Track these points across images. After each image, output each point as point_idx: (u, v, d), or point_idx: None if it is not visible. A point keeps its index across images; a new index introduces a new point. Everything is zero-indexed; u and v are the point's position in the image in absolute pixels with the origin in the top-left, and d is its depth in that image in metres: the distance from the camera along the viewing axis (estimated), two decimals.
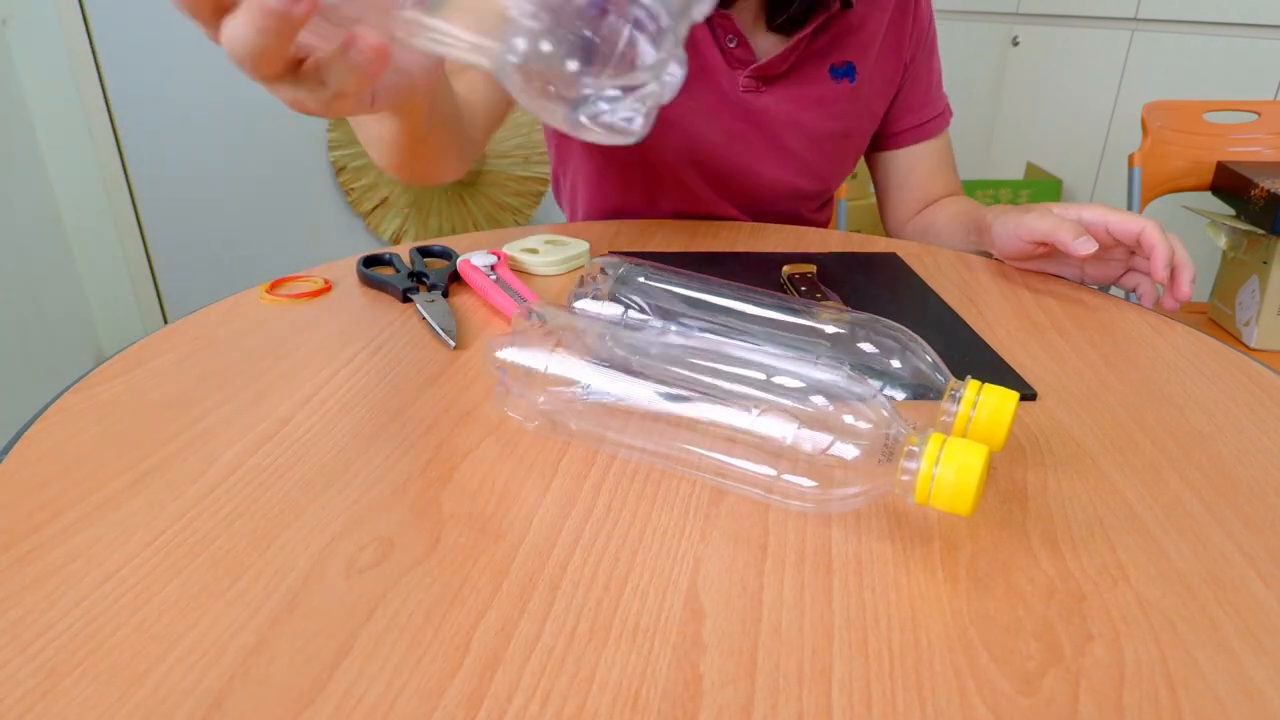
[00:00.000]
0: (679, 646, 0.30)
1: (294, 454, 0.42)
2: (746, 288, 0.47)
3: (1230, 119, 1.27)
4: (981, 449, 0.32)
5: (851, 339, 0.42)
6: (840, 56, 0.81)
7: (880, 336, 0.42)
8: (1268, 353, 1.13)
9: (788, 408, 0.33)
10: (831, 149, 0.86)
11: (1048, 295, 0.65)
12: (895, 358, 0.41)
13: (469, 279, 0.64)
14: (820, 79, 0.82)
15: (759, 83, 0.81)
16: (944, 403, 0.39)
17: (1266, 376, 0.52)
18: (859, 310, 0.45)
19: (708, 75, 0.81)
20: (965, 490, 0.32)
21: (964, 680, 0.29)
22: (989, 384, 0.38)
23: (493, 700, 0.28)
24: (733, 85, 0.81)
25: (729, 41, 0.79)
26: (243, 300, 0.61)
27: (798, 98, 0.82)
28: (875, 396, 0.34)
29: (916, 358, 0.41)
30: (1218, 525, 0.37)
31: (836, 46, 0.81)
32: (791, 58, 0.80)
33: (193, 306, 0.61)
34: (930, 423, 0.39)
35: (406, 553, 0.35)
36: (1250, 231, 1.12)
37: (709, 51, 0.80)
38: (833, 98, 0.83)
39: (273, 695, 0.28)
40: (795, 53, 0.79)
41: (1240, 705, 0.28)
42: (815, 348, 0.43)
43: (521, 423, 0.42)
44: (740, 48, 0.80)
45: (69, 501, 0.38)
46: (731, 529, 0.36)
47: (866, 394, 0.34)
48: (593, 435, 0.39)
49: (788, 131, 0.83)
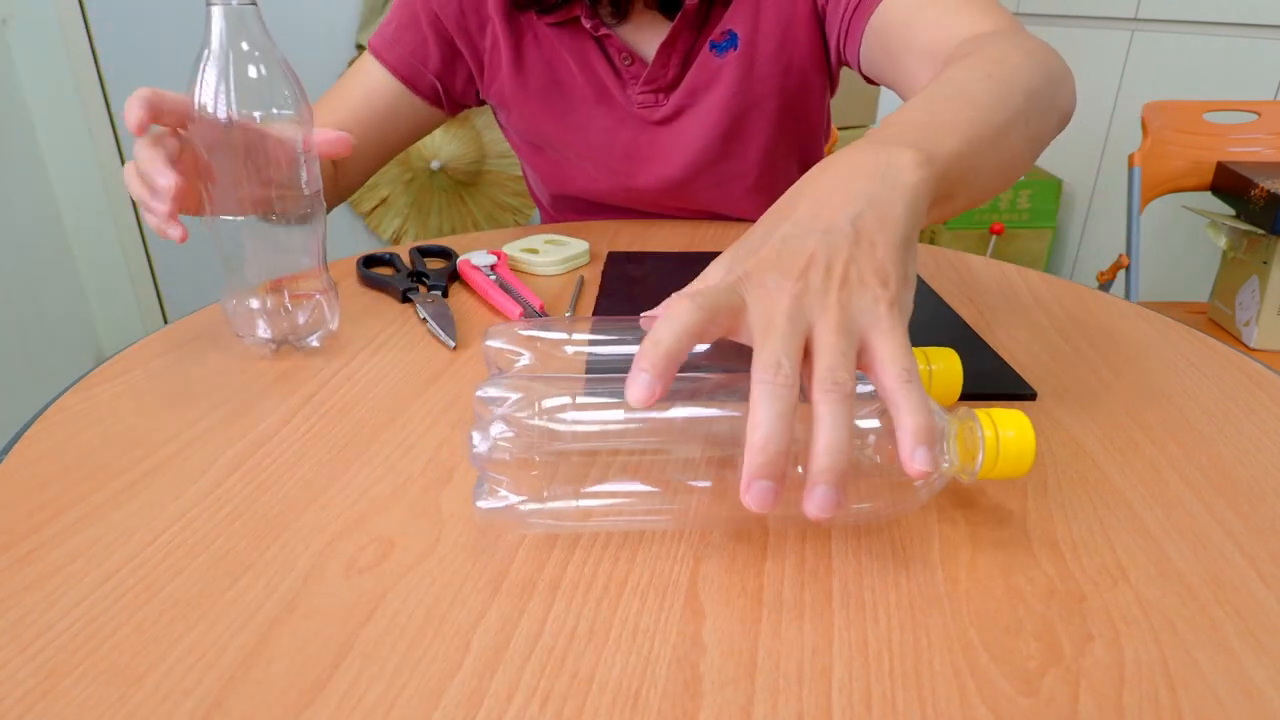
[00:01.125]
0: (679, 646, 0.30)
1: (294, 454, 0.42)
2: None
3: (1230, 119, 1.27)
4: (1018, 413, 0.34)
5: None
6: (719, 29, 0.76)
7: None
8: (1268, 353, 1.13)
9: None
10: (758, 119, 0.80)
11: (1048, 295, 0.65)
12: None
13: (469, 279, 0.64)
14: (706, 62, 0.77)
15: (657, 94, 0.78)
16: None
17: (1266, 376, 0.52)
18: None
19: (606, 97, 0.79)
20: (1027, 448, 0.33)
21: (964, 680, 0.29)
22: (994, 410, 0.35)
23: (493, 700, 0.28)
24: (629, 104, 0.79)
25: (624, 60, 0.77)
26: None
27: (692, 90, 0.78)
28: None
29: None
30: (1218, 525, 0.37)
31: (714, 24, 0.77)
32: (674, 59, 0.76)
33: (193, 306, 0.61)
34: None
35: (406, 553, 0.35)
36: (1250, 231, 1.12)
37: (604, 74, 0.78)
38: (722, 72, 0.77)
39: (273, 695, 0.28)
40: (676, 51, 0.76)
41: (1240, 705, 0.28)
42: None
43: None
44: (635, 65, 0.77)
45: (69, 501, 0.38)
46: (731, 529, 0.36)
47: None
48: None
49: (691, 126, 0.80)
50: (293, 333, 0.52)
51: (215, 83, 0.45)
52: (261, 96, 0.46)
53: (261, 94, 0.46)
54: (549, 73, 0.79)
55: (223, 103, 0.45)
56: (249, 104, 0.46)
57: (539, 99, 0.79)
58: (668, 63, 0.76)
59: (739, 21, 0.76)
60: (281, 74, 0.47)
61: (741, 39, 0.76)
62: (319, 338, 0.53)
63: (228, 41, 0.45)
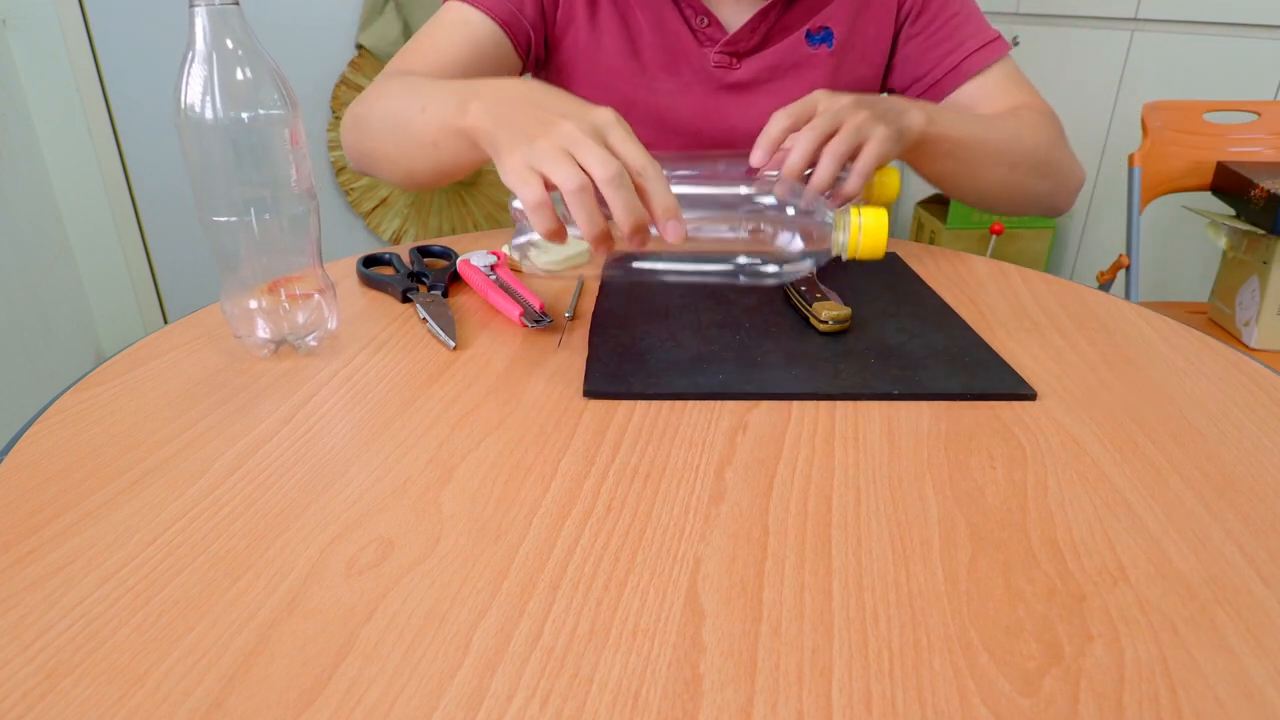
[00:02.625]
0: (679, 646, 0.30)
1: (294, 454, 0.42)
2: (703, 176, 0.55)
3: (1230, 119, 1.27)
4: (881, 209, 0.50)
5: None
6: (818, 23, 0.80)
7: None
8: (1268, 353, 1.13)
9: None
10: None
11: (1048, 295, 0.65)
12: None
13: (469, 279, 0.64)
14: (797, 46, 0.80)
15: (731, 58, 0.80)
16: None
17: (1266, 376, 0.52)
18: (857, 309, 0.47)
19: (679, 56, 0.80)
20: (880, 231, 0.49)
21: (964, 680, 0.29)
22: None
23: (493, 700, 0.28)
24: (704, 63, 0.80)
25: (700, 22, 0.79)
26: None
27: (775, 66, 0.81)
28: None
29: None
30: (1218, 525, 0.37)
31: (813, 13, 0.80)
32: (762, 28, 0.79)
33: (193, 307, 0.61)
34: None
35: (406, 553, 0.35)
36: (1250, 231, 1.12)
37: (679, 32, 0.80)
38: (811, 63, 0.81)
39: (273, 695, 0.28)
40: (766, 23, 0.79)
41: (1240, 705, 0.28)
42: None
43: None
44: (711, 26, 0.79)
45: (69, 501, 0.38)
46: (731, 529, 0.36)
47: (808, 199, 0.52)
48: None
49: (767, 100, 0.81)
50: (292, 333, 0.52)
51: (201, 83, 0.45)
52: (247, 95, 0.46)
53: (247, 93, 0.46)
54: (622, 28, 0.80)
55: (209, 103, 0.45)
56: (236, 104, 0.46)
57: (611, 54, 0.80)
58: (756, 29, 0.79)
59: (838, 23, 0.80)
60: (268, 73, 0.47)
61: (837, 40, 0.80)
62: (318, 338, 0.53)
63: (212, 42, 0.45)
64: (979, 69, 0.80)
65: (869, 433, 0.44)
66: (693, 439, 0.43)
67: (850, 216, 0.50)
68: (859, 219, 0.49)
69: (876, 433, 0.44)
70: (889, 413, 0.46)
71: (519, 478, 0.40)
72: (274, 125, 0.48)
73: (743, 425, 0.45)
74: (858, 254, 0.50)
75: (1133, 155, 1.26)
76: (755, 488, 0.39)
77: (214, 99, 0.45)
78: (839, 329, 0.55)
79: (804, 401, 0.47)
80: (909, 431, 0.44)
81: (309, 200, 0.51)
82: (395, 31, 1.83)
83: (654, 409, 0.46)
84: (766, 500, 0.38)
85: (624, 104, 0.84)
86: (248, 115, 0.46)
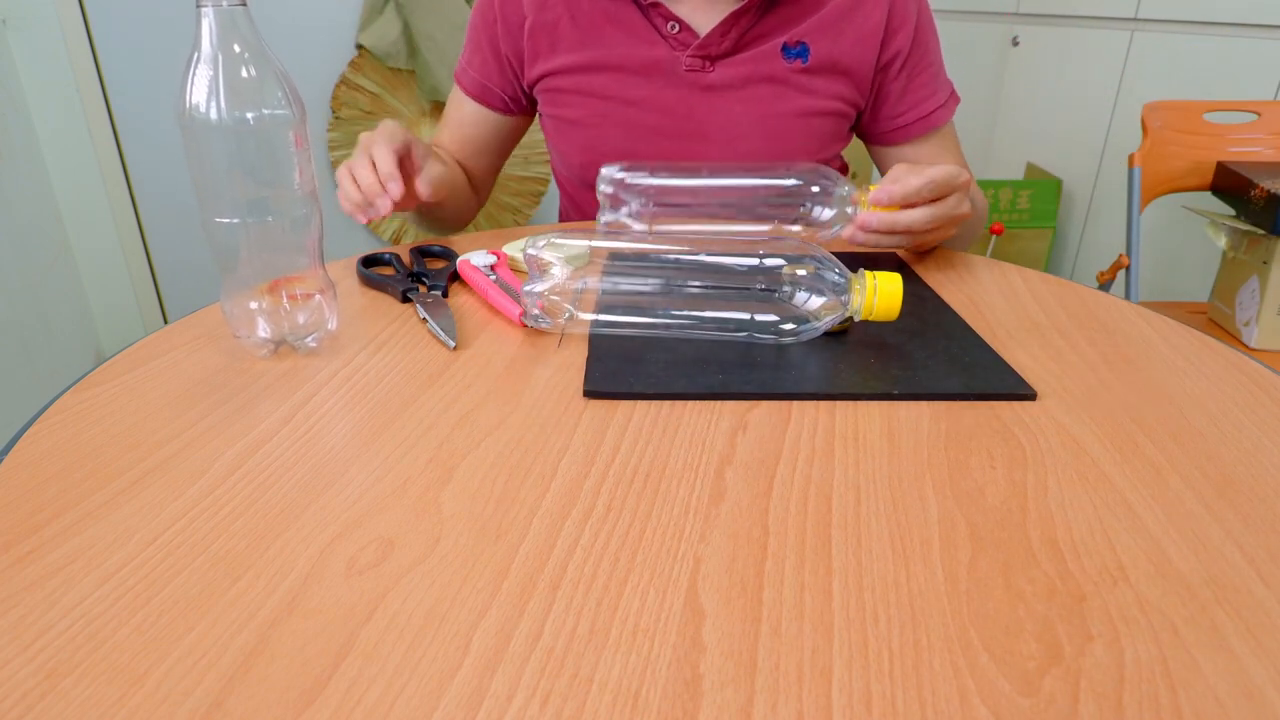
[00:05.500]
0: (679, 646, 0.30)
1: (294, 454, 0.42)
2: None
3: (1230, 119, 1.27)
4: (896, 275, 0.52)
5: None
6: (795, 37, 0.80)
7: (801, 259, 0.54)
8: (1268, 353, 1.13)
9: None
10: (797, 128, 0.84)
11: (1048, 295, 0.65)
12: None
13: (469, 279, 0.64)
14: (771, 56, 0.81)
15: (704, 61, 0.81)
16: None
17: (1266, 376, 0.52)
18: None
19: (651, 63, 0.81)
20: (895, 297, 0.51)
21: (964, 680, 0.29)
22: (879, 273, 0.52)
23: (493, 700, 0.28)
24: (676, 67, 0.81)
25: (670, 28, 0.80)
26: None
27: (749, 75, 0.81)
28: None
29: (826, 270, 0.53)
30: (1218, 525, 0.37)
31: (790, 25, 0.80)
32: (733, 33, 0.79)
33: (193, 307, 0.61)
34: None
35: (406, 553, 0.35)
36: (1250, 231, 1.12)
37: (651, 40, 0.81)
38: (786, 75, 0.81)
39: (273, 695, 0.28)
40: (738, 28, 0.79)
41: (1240, 705, 0.28)
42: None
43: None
44: (682, 32, 0.80)
45: (69, 501, 0.38)
46: (731, 529, 0.36)
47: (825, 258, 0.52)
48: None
49: (741, 106, 0.82)
50: (292, 333, 0.52)
51: (206, 84, 0.45)
52: (253, 97, 0.46)
53: (253, 95, 0.46)
54: (593, 44, 0.82)
55: (214, 104, 0.45)
56: (240, 105, 0.46)
57: (586, 71, 0.82)
58: (726, 34, 0.80)
59: (816, 41, 0.81)
60: (273, 74, 0.47)
61: (813, 57, 0.81)
62: (318, 338, 0.53)
63: (218, 43, 0.45)
64: (944, 122, 0.88)
65: (869, 433, 0.44)
66: (693, 439, 0.43)
67: (866, 280, 0.51)
68: (874, 282, 0.51)
69: (876, 433, 0.44)
70: (889, 413, 0.46)
71: (519, 478, 0.40)
72: (279, 128, 0.48)
73: (743, 425, 0.45)
74: (872, 315, 0.52)
75: (1133, 155, 1.26)
76: (755, 488, 0.39)
77: (219, 101, 0.45)
78: (839, 329, 0.55)
79: (804, 401, 0.47)
80: (909, 431, 0.44)
81: (311, 202, 0.51)
82: (395, 31, 1.83)
83: (654, 409, 0.46)
84: (766, 500, 0.38)
85: (604, 112, 0.86)
86: (253, 118, 0.46)
